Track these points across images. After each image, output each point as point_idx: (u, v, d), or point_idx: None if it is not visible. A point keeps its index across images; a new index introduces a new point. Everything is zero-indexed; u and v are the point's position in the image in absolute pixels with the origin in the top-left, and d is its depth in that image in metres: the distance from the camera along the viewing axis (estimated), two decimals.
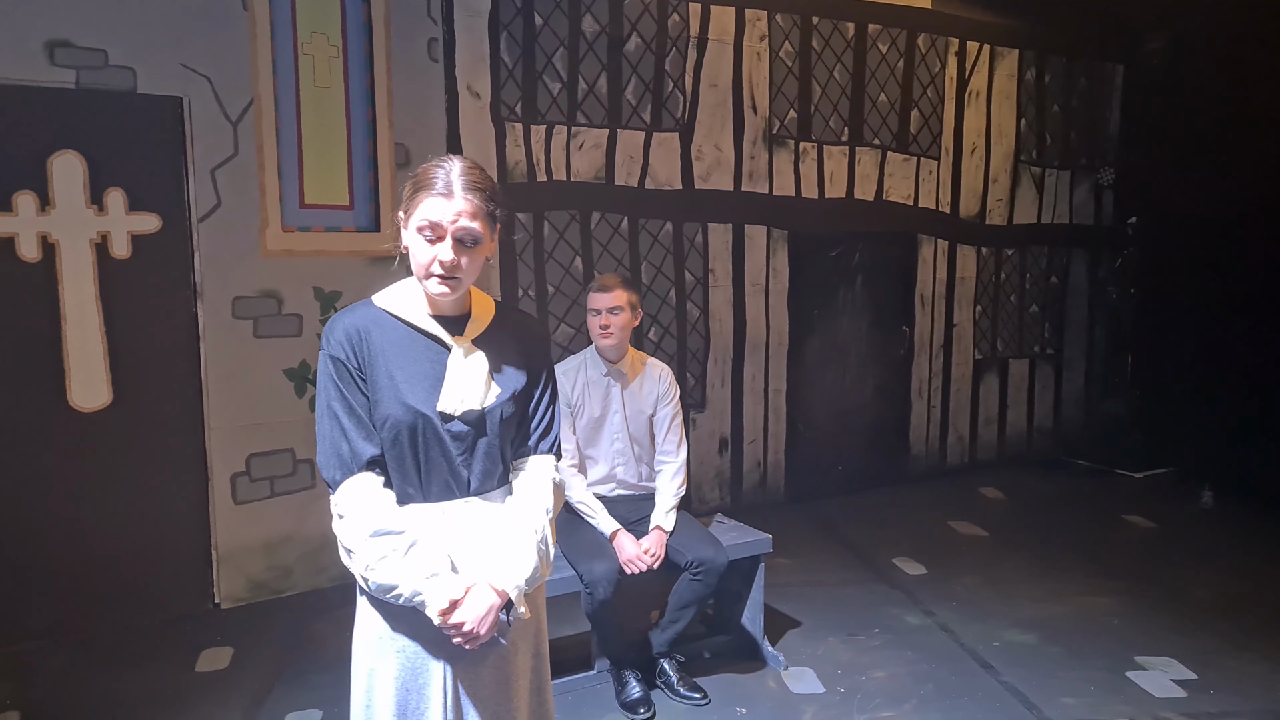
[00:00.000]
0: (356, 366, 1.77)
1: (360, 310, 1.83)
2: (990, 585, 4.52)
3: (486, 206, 1.77)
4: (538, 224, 4.92)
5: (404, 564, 1.71)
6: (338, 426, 1.76)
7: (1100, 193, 7.14)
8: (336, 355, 1.77)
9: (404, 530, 1.73)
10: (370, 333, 1.79)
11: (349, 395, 1.76)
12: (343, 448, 1.75)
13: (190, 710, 3.29)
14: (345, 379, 1.76)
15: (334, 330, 1.78)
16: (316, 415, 1.79)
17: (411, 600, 1.72)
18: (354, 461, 1.75)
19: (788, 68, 5.61)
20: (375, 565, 1.71)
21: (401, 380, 1.77)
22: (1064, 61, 6.83)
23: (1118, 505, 5.90)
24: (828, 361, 6.06)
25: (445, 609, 1.71)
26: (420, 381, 1.78)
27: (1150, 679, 3.57)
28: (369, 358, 1.77)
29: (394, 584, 1.71)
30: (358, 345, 1.77)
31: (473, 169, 1.78)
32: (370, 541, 1.71)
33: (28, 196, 3.72)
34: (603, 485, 3.53)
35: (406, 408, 1.75)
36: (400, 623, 1.80)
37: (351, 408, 1.76)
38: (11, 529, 3.76)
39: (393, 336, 1.80)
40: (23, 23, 3.64)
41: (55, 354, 3.82)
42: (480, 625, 1.73)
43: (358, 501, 1.74)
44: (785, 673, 3.61)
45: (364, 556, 1.72)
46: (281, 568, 4.30)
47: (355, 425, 1.76)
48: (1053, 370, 7.15)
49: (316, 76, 4.26)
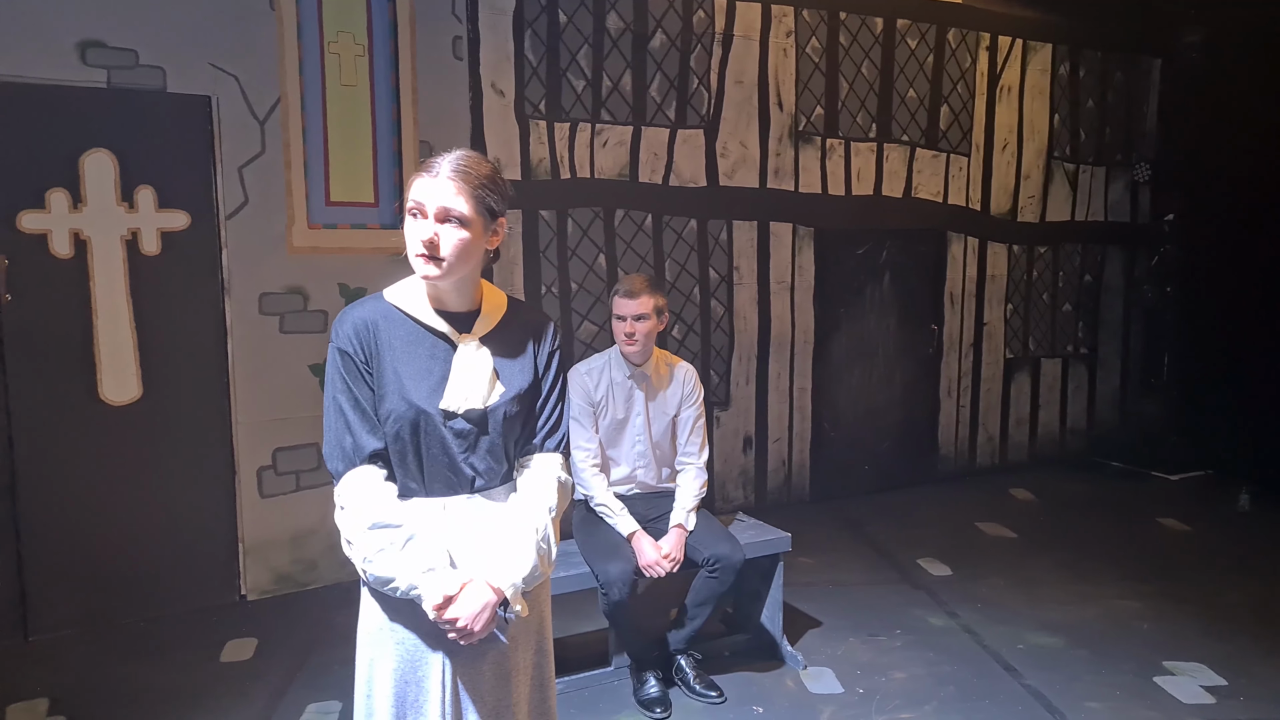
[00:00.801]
0: (363, 360, 1.77)
1: (370, 304, 1.84)
2: (1017, 587, 4.45)
3: (476, 194, 1.75)
4: (561, 221, 4.93)
5: (401, 557, 1.72)
6: (342, 419, 1.77)
7: (1136, 189, 7.01)
8: (344, 348, 1.78)
9: (402, 524, 1.74)
10: (378, 326, 1.79)
11: (354, 388, 1.77)
12: (346, 440, 1.77)
13: (213, 701, 3.34)
14: (351, 372, 1.77)
15: (343, 323, 1.79)
16: (324, 407, 1.81)
17: (408, 594, 1.73)
18: (356, 454, 1.76)
19: (814, 64, 5.57)
20: (373, 557, 1.73)
21: (406, 376, 1.78)
22: (1099, 56, 6.71)
23: (1152, 508, 5.79)
24: (854, 360, 6.01)
25: (440, 604, 1.71)
26: (425, 378, 1.79)
27: (1179, 685, 3.50)
28: (376, 351, 1.78)
29: (391, 576, 1.72)
30: (365, 339, 1.78)
31: (468, 157, 1.77)
32: (368, 534, 1.73)
33: (60, 194, 3.80)
34: (622, 485, 3.53)
35: (409, 404, 1.76)
36: (399, 615, 1.81)
37: (356, 401, 1.77)
38: (45, 520, 3.84)
39: (400, 331, 1.81)
40: (55, 24, 3.71)
41: (87, 349, 3.89)
42: (475, 622, 1.73)
43: (358, 494, 1.75)
44: (804, 672, 3.59)
45: (362, 548, 1.73)
46: (306, 561, 4.35)
47: (359, 418, 1.77)
48: (1086, 370, 7.04)
49: (342, 75, 4.30)
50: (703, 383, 5.38)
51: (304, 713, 3.26)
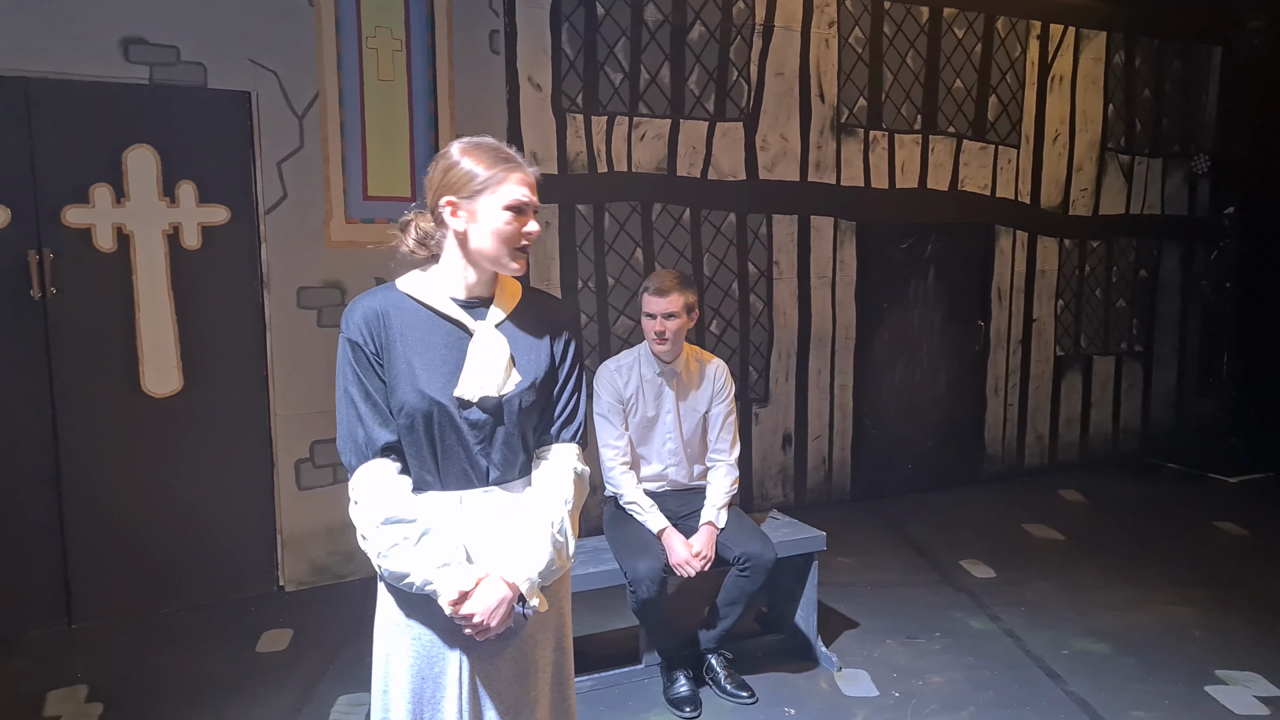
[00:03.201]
0: (374, 351, 1.74)
1: (381, 294, 1.80)
2: (1063, 591, 4.32)
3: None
4: (598, 215, 4.90)
5: (415, 552, 1.70)
6: (354, 412, 1.74)
7: (1195, 181, 6.77)
8: (354, 339, 1.75)
9: (416, 518, 1.71)
10: (390, 316, 1.76)
11: (365, 380, 1.74)
12: (358, 433, 1.74)
13: (247, 690, 3.38)
14: (362, 363, 1.74)
15: (353, 313, 1.76)
16: (336, 399, 1.79)
17: (423, 589, 1.71)
18: (369, 447, 1.74)
19: (857, 54, 5.47)
20: (387, 553, 1.70)
21: (419, 366, 1.74)
22: (1156, 44, 6.50)
23: (1208, 511, 5.59)
24: (897, 356, 5.89)
25: (455, 600, 1.69)
26: (439, 368, 1.75)
27: (1231, 694, 3.36)
28: (387, 342, 1.75)
29: (406, 572, 1.70)
30: (375, 329, 1.75)
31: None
32: (382, 529, 1.70)
33: (104, 189, 3.86)
34: (653, 483, 3.48)
35: (422, 395, 1.73)
36: (416, 610, 1.78)
37: (368, 393, 1.74)
38: (88, 509, 3.91)
39: (412, 320, 1.77)
40: (99, 21, 3.78)
41: (129, 341, 3.96)
42: (491, 617, 1.70)
43: (371, 488, 1.72)
44: (838, 674, 3.52)
45: (376, 543, 1.71)
46: (343, 553, 4.38)
47: (371, 411, 1.74)
48: (1141, 368, 6.82)
49: (380, 70, 4.32)
50: (741, 379, 5.36)
51: (335, 704, 3.28)
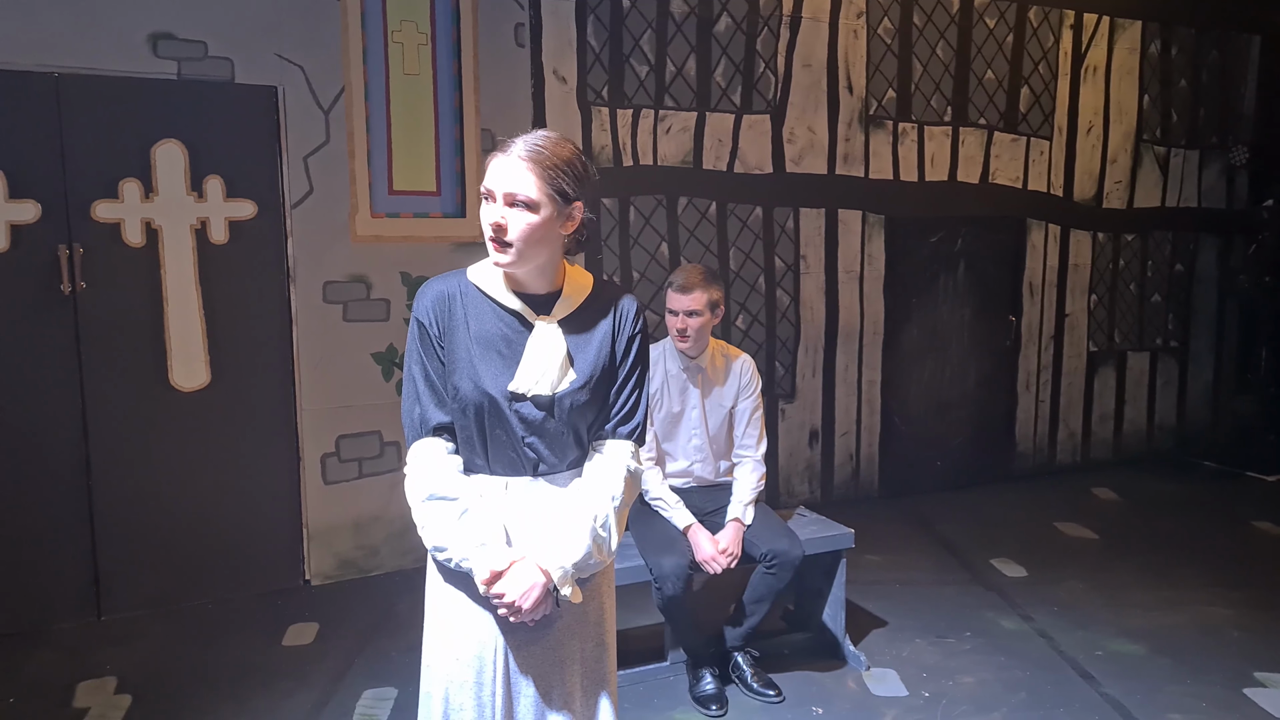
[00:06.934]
0: (438, 334, 1.79)
1: (453, 279, 1.85)
2: (1097, 591, 4.24)
3: (547, 175, 1.70)
4: (624, 209, 4.87)
5: (456, 529, 1.75)
6: (414, 390, 1.82)
7: (1233, 174, 6.63)
8: (422, 320, 1.81)
9: (459, 496, 1.76)
10: (456, 302, 1.81)
11: (426, 361, 1.80)
12: (415, 411, 1.81)
13: (272, 684, 3.38)
14: (426, 345, 1.80)
15: (424, 295, 1.82)
16: (402, 373, 1.84)
17: (460, 565, 1.76)
18: (423, 426, 1.81)
19: (886, 45, 5.39)
20: (428, 526, 1.77)
21: (478, 358, 1.78)
22: (1193, 33, 6.36)
23: (1246, 510, 5.48)
24: (926, 352, 5.81)
25: (488, 579, 1.72)
26: (496, 359, 1.78)
27: (1270, 697, 3.28)
28: (450, 327, 1.79)
29: (445, 546, 1.76)
30: (441, 313, 1.80)
31: (546, 139, 1.73)
32: (425, 504, 1.77)
33: (133, 184, 3.88)
34: (679, 479, 3.45)
35: (476, 388, 1.76)
36: (458, 581, 1.83)
37: (427, 373, 1.80)
38: (118, 502, 3.94)
39: (476, 310, 1.81)
40: (128, 17, 3.80)
41: (158, 335, 3.98)
42: (523, 600, 1.72)
43: (420, 465, 1.79)
44: (867, 673, 3.47)
45: (420, 517, 1.79)
46: (369, 547, 4.39)
47: (429, 390, 1.80)
48: (1177, 364, 6.69)
49: (406, 64, 4.31)
50: (768, 374, 5.31)
51: (360, 698, 3.28)
